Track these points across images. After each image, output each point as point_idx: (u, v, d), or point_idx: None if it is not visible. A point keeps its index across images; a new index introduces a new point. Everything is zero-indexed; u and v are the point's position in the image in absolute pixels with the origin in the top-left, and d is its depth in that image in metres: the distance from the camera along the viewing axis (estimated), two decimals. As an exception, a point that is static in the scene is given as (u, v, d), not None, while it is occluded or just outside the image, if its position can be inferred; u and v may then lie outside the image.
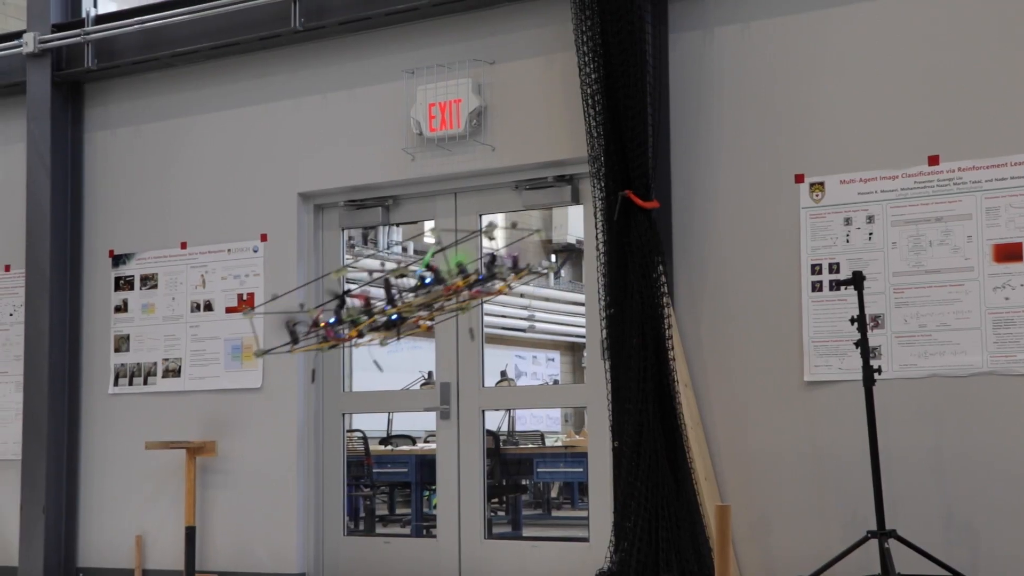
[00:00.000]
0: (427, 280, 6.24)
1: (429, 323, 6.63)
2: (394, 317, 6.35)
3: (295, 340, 6.40)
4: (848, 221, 6.46)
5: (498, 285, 6.74)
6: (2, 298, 9.11)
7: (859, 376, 5.89)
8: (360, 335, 6.45)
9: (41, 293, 8.63)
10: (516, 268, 7.03)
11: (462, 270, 6.46)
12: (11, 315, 9.04)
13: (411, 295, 6.31)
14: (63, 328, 8.66)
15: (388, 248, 14.86)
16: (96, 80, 8.80)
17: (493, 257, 6.82)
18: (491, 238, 6.86)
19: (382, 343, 6.76)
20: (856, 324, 5.87)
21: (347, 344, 6.41)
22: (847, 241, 6.45)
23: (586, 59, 6.72)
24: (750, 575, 6.33)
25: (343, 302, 6.27)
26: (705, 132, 6.83)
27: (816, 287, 6.50)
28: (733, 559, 6.19)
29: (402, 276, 6.19)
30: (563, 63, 7.12)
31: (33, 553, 8.42)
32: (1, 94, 9.07)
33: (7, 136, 9.11)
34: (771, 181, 6.66)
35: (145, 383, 8.47)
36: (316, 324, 6.20)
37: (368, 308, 6.29)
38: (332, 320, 6.13)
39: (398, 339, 6.77)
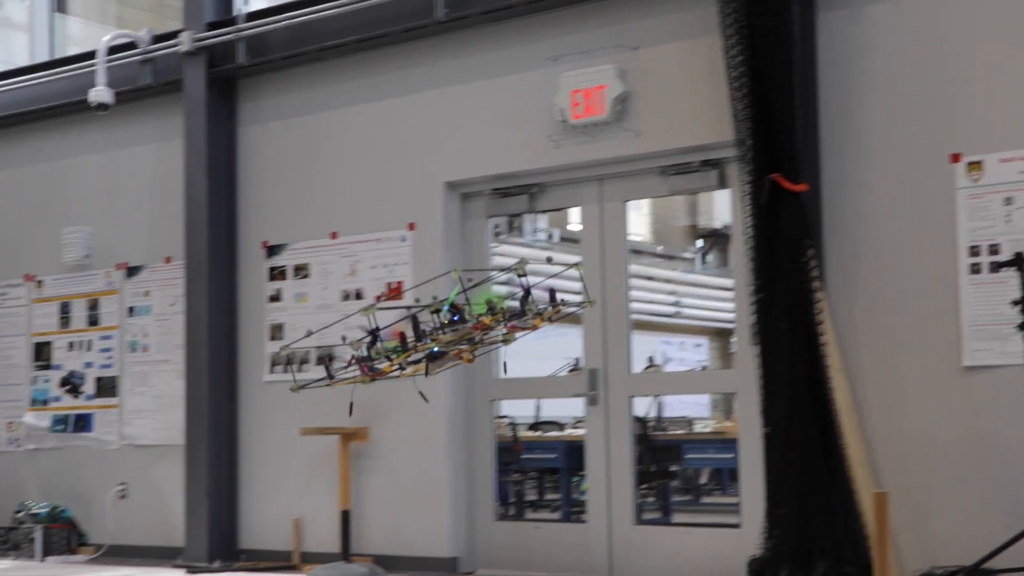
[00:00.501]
0: (454, 318, 6.28)
1: (471, 357, 6.70)
2: (435, 350, 6.42)
3: (331, 376, 6.54)
4: (1009, 201, 6.25)
5: (533, 320, 6.75)
6: (163, 289, 9.43)
7: (1022, 360, 5.70)
8: (402, 367, 6.52)
9: (200, 284, 8.91)
10: (553, 302, 7.03)
11: (491, 308, 6.50)
12: (172, 305, 9.34)
13: (440, 332, 6.36)
14: (221, 317, 8.92)
15: (533, 236, 14.91)
16: (248, 76, 9.03)
17: (527, 292, 6.84)
18: (521, 275, 6.81)
19: (428, 374, 6.84)
20: (1019, 307, 5.68)
21: (384, 378, 6.49)
22: (1007, 221, 6.25)
23: (731, 42, 6.63)
24: (909, 564, 6.19)
25: (376, 339, 6.36)
26: (856, 112, 6.68)
27: (975, 269, 6.31)
28: (891, 548, 6.06)
29: (436, 311, 6.24)
30: (707, 47, 7.03)
31: (197, 534, 8.72)
32: (160, 92, 9.38)
33: (166, 133, 9.42)
34: (926, 161, 6.48)
35: (299, 371, 8.66)
36: (354, 359, 6.31)
37: (404, 343, 6.37)
38: (365, 356, 6.22)
39: (439, 371, 6.83)
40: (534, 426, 11.91)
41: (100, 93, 9.07)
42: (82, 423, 9.75)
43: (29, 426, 10.00)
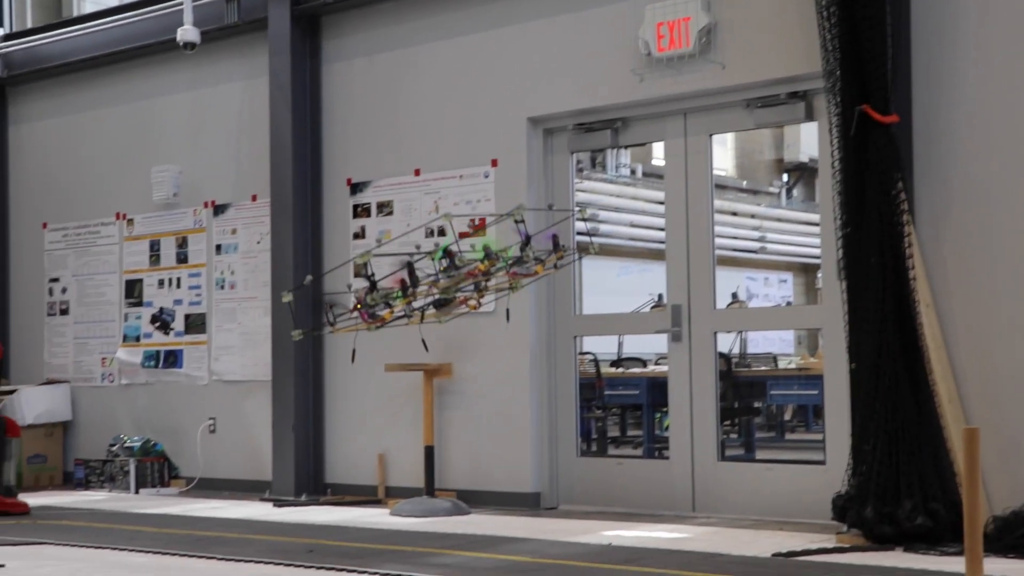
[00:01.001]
0: (449, 264, 6.24)
1: (477, 304, 6.66)
2: (439, 297, 6.40)
3: (332, 322, 6.54)
4: (1107, 130, 6.06)
5: (535, 266, 6.66)
6: (250, 227, 9.55)
7: (1119, 295, 5.56)
8: (408, 315, 6.50)
9: (285, 221, 9.00)
10: (556, 248, 6.93)
11: (487, 254, 6.43)
12: (258, 243, 9.46)
13: (436, 278, 6.33)
14: (306, 255, 9.01)
15: (616, 171, 14.83)
16: (332, 13, 9.04)
17: (528, 239, 6.73)
18: (518, 221, 6.72)
19: (441, 320, 6.80)
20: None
21: (386, 324, 6.46)
22: (1106, 152, 6.06)
23: (820, -31, 6.48)
24: (998, 503, 6.10)
25: (373, 286, 6.34)
26: (950, 43, 6.50)
27: (1071, 202, 6.13)
28: (981, 485, 5.98)
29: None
30: (796, -25, 6.89)
31: (285, 468, 8.89)
32: (245, 31, 9.43)
33: (251, 71, 9.48)
34: (1021, 91, 6.30)
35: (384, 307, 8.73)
36: (357, 306, 6.30)
37: (404, 290, 6.34)
38: (365, 303, 6.20)
39: (448, 319, 6.80)
40: (616, 362, 11.91)
41: (187, 32, 9.15)
42: (172, 359, 9.95)
43: (122, 362, 10.23)
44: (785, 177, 17.98)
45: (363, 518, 7.62)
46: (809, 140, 16.44)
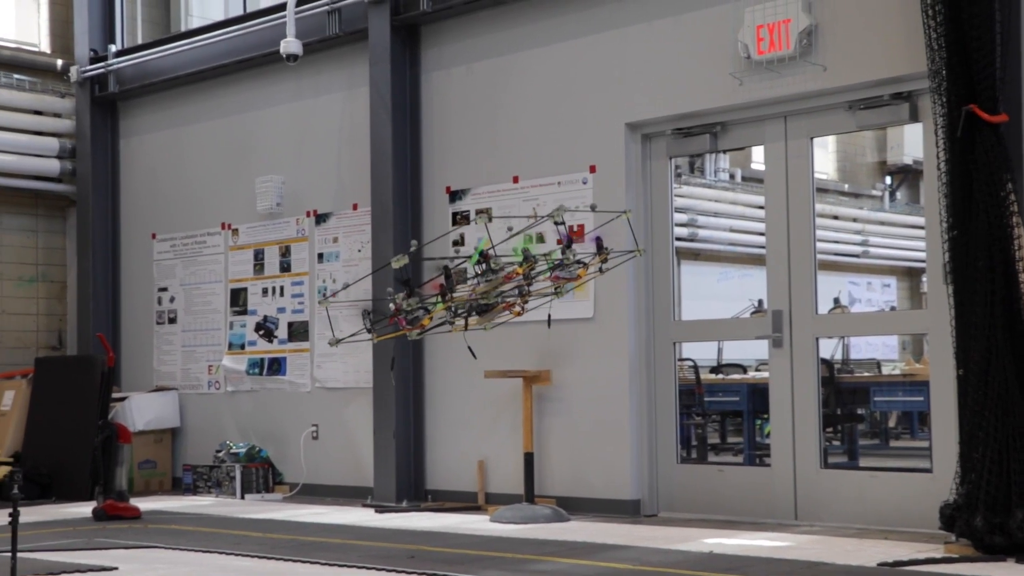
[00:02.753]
0: (485, 267, 6.12)
1: (521, 310, 6.54)
2: (481, 303, 6.29)
3: (370, 329, 6.45)
4: None
5: (578, 269, 6.51)
6: (351, 235, 9.67)
7: None
8: (450, 322, 6.39)
9: (385, 229, 9.10)
10: (599, 250, 6.77)
11: (526, 257, 6.29)
12: (359, 251, 9.57)
13: (474, 282, 6.22)
14: (408, 268, 9.06)
15: (715, 176, 14.71)
16: (431, 22, 9.12)
17: (570, 241, 6.59)
18: (558, 223, 6.58)
19: (486, 327, 6.69)
20: None
21: (427, 331, 6.36)
22: None
23: (924, -33, 6.37)
24: (1113, 512, 5.92)
25: (411, 291, 6.25)
26: (1059, 39, 6.35)
27: None
28: (1094, 494, 5.82)
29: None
30: (898, -26, 6.78)
31: (386, 475, 8.97)
32: (345, 42, 9.57)
33: (352, 81, 9.61)
34: None
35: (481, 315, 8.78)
36: (397, 312, 6.21)
37: (443, 295, 6.23)
38: (403, 310, 6.09)
39: (492, 325, 6.69)
40: (716, 368, 11.82)
41: (290, 44, 9.32)
42: (276, 366, 10.12)
43: (227, 369, 10.43)
44: (888, 180, 17.67)
45: (463, 524, 7.66)
46: (913, 142, 16.13)
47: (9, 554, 5.37)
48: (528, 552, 6.28)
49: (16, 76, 11.41)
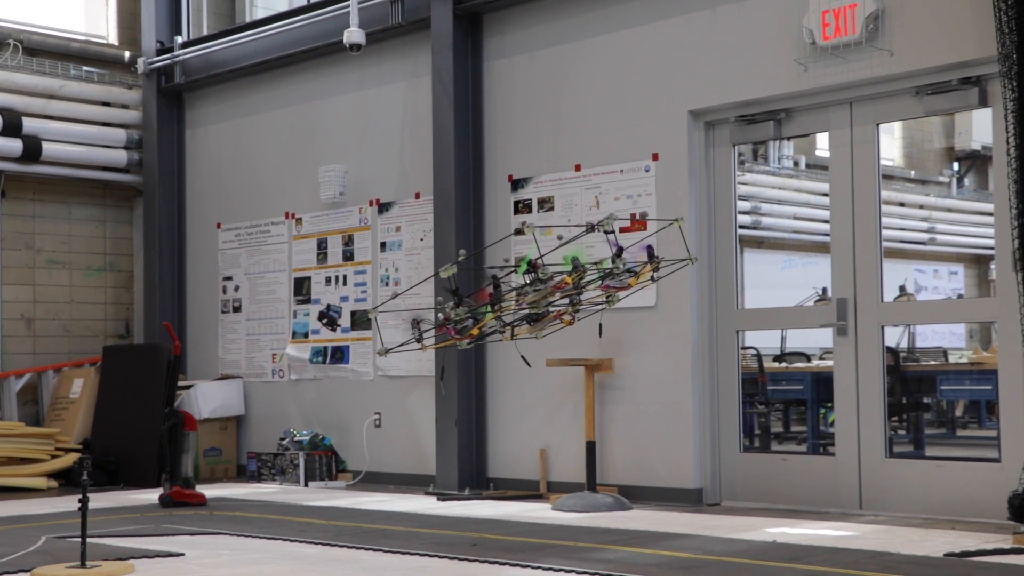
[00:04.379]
0: (535, 276, 6.05)
1: (572, 319, 6.46)
2: (529, 312, 6.22)
3: (420, 338, 6.41)
4: None
5: (630, 278, 6.41)
6: (413, 224, 9.71)
7: None
8: (500, 331, 6.33)
9: (447, 218, 9.12)
10: (650, 259, 6.67)
11: (575, 266, 6.20)
12: (421, 240, 9.61)
13: (522, 292, 6.15)
14: (468, 251, 9.10)
15: (779, 163, 14.58)
16: (493, 11, 9.12)
17: (620, 250, 6.50)
18: (608, 231, 6.49)
19: (538, 336, 6.63)
20: None
21: (476, 341, 6.32)
22: None
23: (994, -51, 6.26)
24: None
25: (460, 300, 6.20)
26: None
27: None
28: None
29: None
30: (967, -43, 6.68)
31: (448, 463, 9.01)
32: (408, 31, 9.60)
33: (415, 70, 9.64)
34: None
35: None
36: (446, 322, 6.16)
37: (492, 304, 6.16)
38: (452, 320, 6.04)
39: (544, 334, 6.63)
40: (779, 357, 11.72)
41: (353, 34, 9.36)
42: (339, 355, 10.19)
43: (291, 358, 10.52)
44: (956, 166, 17.41)
45: (525, 513, 7.67)
46: (982, 127, 15.85)
47: (79, 539, 5.47)
48: (590, 540, 6.28)
49: (85, 68, 11.57)
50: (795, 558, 5.58)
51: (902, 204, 15.96)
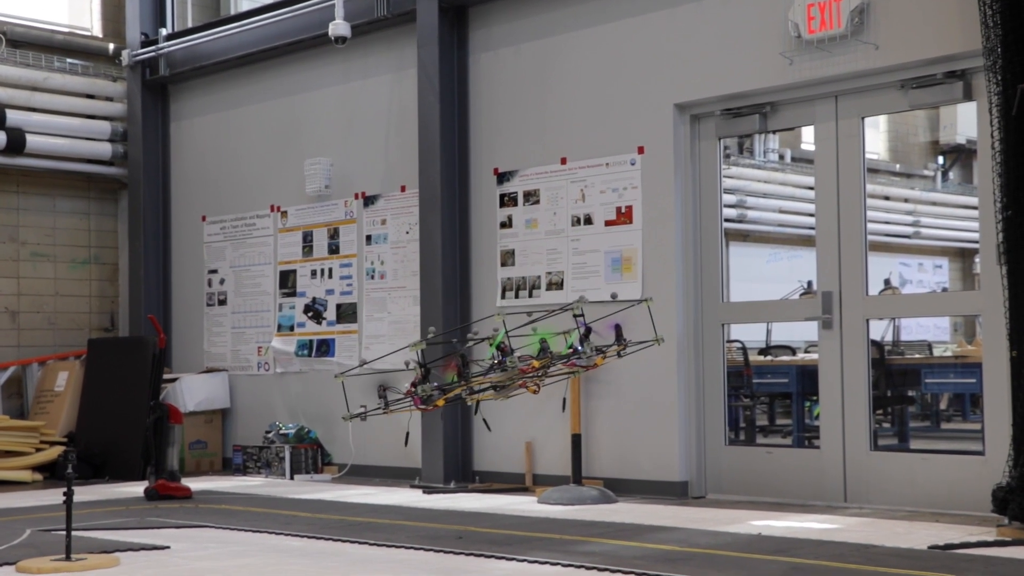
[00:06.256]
0: (503, 359, 6.15)
1: (536, 388, 6.56)
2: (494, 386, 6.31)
3: (386, 406, 6.50)
4: None
5: (596, 357, 6.51)
6: (399, 217, 9.70)
7: None
8: (463, 398, 6.45)
9: (433, 211, 9.11)
10: (619, 339, 6.77)
11: (543, 349, 6.32)
12: (407, 233, 9.60)
13: (490, 373, 6.24)
14: (454, 244, 9.12)
15: (764, 156, 14.61)
16: (478, 4, 9.10)
17: (588, 331, 6.60)
18: (577, 315, 6.61)
19: (505, 397, 6.76)
20: None
21: (436, 409, 6.44)
22: None
23: (979, -58, 6.27)
24: None
25: (427, 374, 6.29)
26: (1116, 15, 6.23)
27: None
28: None
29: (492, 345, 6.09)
30: (952, -50, 6.69)
31: (433, 456, 9.01)
32: (393, 24, 9.58)
33: (400, 63, 9.62)
34: None
35: (530, 296, 8.79)
36: (412, 388, 6.25)
37: (460, 376, 6.27)
38: (418, 392, 6.16)
39: (508, 398, 6.74)
40: (765, 350, 11.75)
41: (338, 27, 9.34)
42: (324, 348, 10.18)
43: (276, 351, 10.51)
44: (940, 159, 17.47)
45: (511, 505, 7.68)
46: (966, 121, 15.91)
47: (64, 532, 5.46)
48: (575, 533, 6.29)
49: (69, 60, 11.52)
50: (780, 551, 5.60)
51: (887, 198, 16.01)
